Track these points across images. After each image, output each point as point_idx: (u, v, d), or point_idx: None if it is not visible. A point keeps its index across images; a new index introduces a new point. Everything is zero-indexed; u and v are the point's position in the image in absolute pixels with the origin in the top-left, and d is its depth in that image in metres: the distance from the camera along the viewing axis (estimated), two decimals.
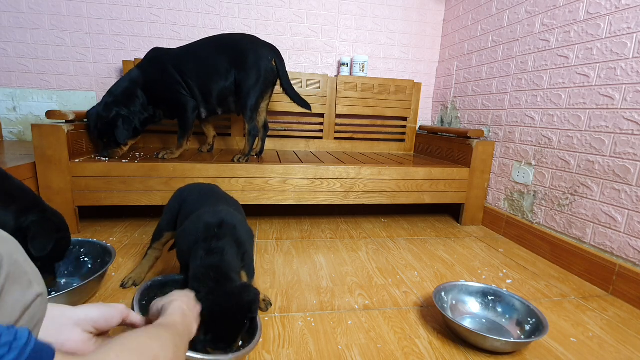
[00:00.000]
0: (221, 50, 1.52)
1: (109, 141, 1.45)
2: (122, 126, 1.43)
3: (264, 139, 1.75)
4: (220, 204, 0.89)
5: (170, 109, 1.56)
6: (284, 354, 0.76)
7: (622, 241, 1.11)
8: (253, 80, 1.52)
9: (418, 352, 0.79)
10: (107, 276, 1.06)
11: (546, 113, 1.41)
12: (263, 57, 1.53)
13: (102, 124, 1.42)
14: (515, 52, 1.58)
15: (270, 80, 1.59)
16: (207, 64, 1.51)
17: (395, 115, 2.21)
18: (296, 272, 1.16)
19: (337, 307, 0.96)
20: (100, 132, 1.44)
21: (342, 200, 1.58)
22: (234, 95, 1.57)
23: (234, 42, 1.54)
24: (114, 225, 1.50)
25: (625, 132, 1.10)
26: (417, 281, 1.14)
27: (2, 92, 1.91)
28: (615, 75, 1.14)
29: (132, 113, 1.46)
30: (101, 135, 1.45)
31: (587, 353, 0.82)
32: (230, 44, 1.53)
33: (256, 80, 1.52)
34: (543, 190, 1.42)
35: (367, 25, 2.17)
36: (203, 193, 0.96)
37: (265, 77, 1.54)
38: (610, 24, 1.16)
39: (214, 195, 0.96)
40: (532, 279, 1.20)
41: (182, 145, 1.55)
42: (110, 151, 1.45)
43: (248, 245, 0.82)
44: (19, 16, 1.84)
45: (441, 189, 1.68)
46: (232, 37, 1.56)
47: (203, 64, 1.51)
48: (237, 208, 0.94)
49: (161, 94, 1.51)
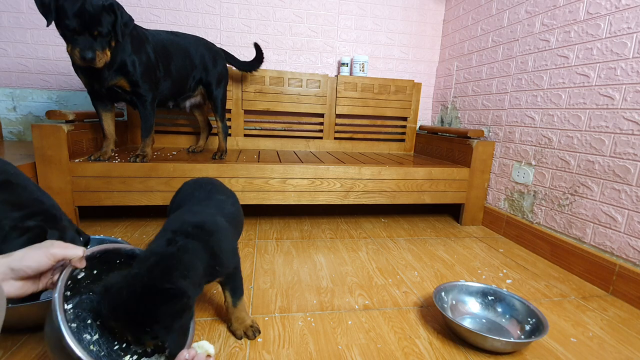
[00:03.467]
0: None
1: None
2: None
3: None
4: (212, 201, 0.82)
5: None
6: (284, 354, 0.76)
7: (622, 241, 1.11)
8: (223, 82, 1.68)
9: (418, 352, 0.79)
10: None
11: (546, 113, 1.41)
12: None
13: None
14: (515, 52, 1.58)
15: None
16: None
17: (395, 115, 2.21)
18: (296, 272, 1.16)
19: (337, 307, 0.96)
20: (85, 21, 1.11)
21: (342, 200, 1.58)
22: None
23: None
24: (114, 225, 1.50)
25: (625, 132, 1.10)
26: (417, 281, 1.14)
27: (2, 92, 1.91)
28: (615, 75, 1.14)
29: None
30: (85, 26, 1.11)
31: (587, 353, 0.82)
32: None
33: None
34: (543, 190, 1.42)
35: (367, 25, 2.17)
36: (198, 186, 0.89)
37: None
38: (610, 24, 1.16)
39: (211, 189, 0.88)
40: (532, 279, 1.20)
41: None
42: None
43: (226, 259, 0.71)
44: (19, 16, 1.84)
45: (441, 189, 1.68)
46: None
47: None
48: (233, 203, 0.89)
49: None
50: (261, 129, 2.10)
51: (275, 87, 2.02)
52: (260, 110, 2.06)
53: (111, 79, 1.30)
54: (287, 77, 2.02)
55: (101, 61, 1.17)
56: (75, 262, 0.56)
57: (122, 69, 1.30)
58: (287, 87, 2.03)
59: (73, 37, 1.12)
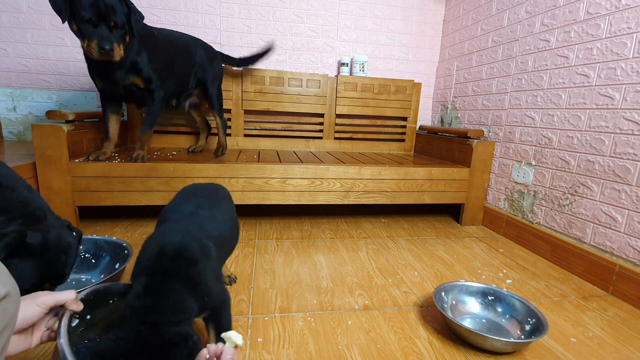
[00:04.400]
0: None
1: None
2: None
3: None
4: (196, 218, 0.74)
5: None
6: (284, 354, 0.76)
7: (622, 241, 1.11)
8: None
9: (418, 352, 0.79)
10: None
11: (546, 113, 1.41)
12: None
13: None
14: (515, 52, 1.58)
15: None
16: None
17: (395, 115, 2.21)
18: (296, 272, 1.16)
19: (337, 307, 0.96)
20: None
21: (342, 200, 1.58)
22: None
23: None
24: (114, 225, 1.50)
25: (625, 132, 1.10)
26: (417, 281, 1.14)
27: (2, 92, 1.91)
28: (615, 75, 1.14)
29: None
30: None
31: (587, 353, 0.82)
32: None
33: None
34: (543, 190, 1.42)
35: (367, 25, 2.17)
36: (188, 197, 0.80)
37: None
38: (610, 24, 1.16)
39: (201, 204, 0.78)
40: (532, 279, 1.20)
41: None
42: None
43: (212, 287, 0.63)
44: (19, 16, 1.84)
45: (441, 189, 1.68)
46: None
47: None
48: (224, 220, 0.79)
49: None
50: (261, 129, 2.10)
51: (275, 87, 2.02)
52: (260, 110, 2.06)
53: (126, 78, 1.31)
54: (287, 77, 2.02)
55: (117, 54, 1.17)
56: (70, 305, 0.53)
57: (134, 67, 1.30)
58: (287, 87, 2.03)
59: (89, 29, 1.12)
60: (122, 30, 1.18)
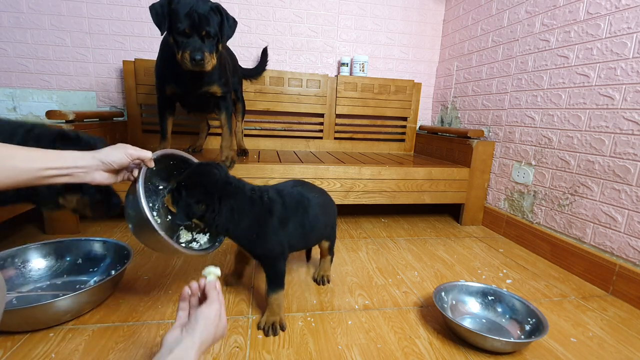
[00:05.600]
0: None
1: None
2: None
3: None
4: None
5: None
6: (284, 353, 0.76)
7: (622, 241, 1.11)
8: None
9: (418, 352, 0.79)
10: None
11: (546, 113, 1.41)
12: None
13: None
14: (515, 52, 1.58)
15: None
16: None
17: (395, 115, 2.21)
18: (296, 271, 1.16)
19: (337, 307, 0.96)
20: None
21: (342, 200, 1.58)
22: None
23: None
24: (114, 225, 1.50)
25: (625, 132, 1.10)
26: (417, 281, 1.14)
27: (2, 92, 1.91)
28: (615, 75, 1.14)
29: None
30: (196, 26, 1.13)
31: (587, 353, 0.82)
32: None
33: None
34: (543, 190, 1.42)
35: (367, 25, 2.17)
36: (303, 183, 1.03)
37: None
38: (610, 24, 1.16)
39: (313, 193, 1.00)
40: (532, 279, 1.20)
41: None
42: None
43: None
44: (19, 16, 1.84)
45: (441, 189, 1.67)
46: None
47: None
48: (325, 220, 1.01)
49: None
50: (261, 129, 2.10)
51: (275, 87, 2.02)
52: (260, 110, 2.06)
53: (206, 85, 1.31)
54: (287, 77, 2.02)
55: (209, 64, 1.17)
56: (147, 162, 0.73)
57: (211, 76, 1.30)
58: (287, 87, 2.03)
59: (183, 41, 1.13)
60: (215, 39, 1.18)
